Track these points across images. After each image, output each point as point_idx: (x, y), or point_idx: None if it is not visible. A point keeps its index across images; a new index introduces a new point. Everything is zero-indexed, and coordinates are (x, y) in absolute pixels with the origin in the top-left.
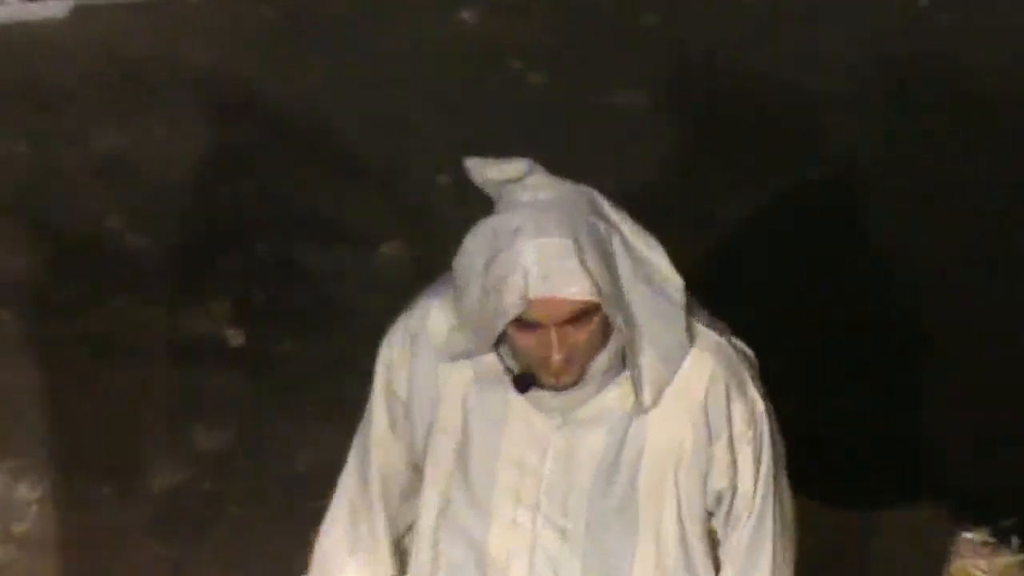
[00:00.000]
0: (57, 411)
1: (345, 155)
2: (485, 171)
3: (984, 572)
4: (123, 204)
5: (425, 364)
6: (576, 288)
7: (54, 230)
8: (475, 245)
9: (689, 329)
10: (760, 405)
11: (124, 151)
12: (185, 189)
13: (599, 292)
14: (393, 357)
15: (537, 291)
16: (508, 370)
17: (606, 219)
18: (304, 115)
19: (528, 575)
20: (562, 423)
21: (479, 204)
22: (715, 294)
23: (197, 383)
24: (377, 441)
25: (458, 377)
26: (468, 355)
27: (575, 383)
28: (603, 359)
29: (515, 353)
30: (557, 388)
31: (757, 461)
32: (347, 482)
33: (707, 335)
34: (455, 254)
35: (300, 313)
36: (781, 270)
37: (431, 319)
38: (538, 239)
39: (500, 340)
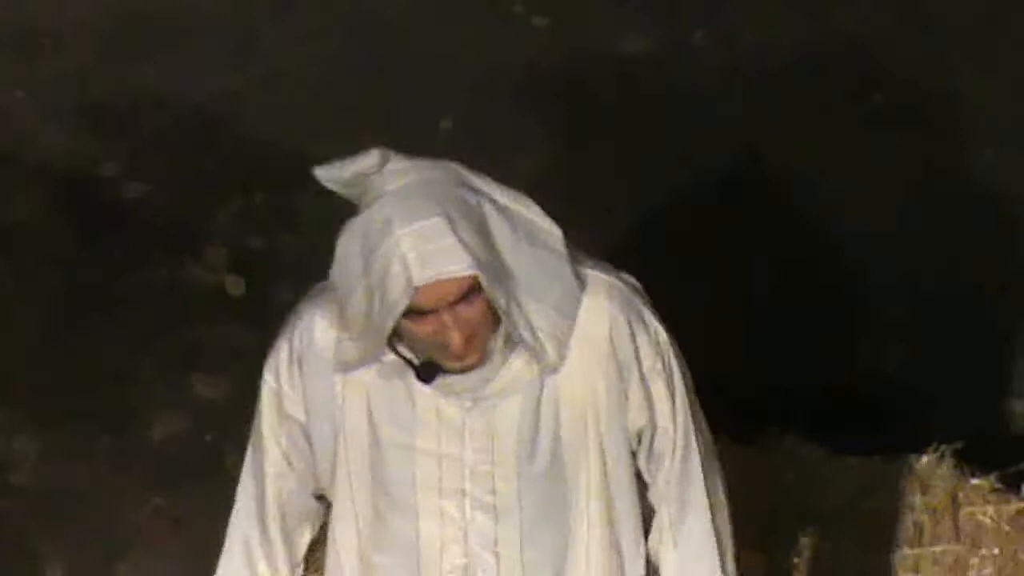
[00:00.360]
0: (55, 361)
1: (346, 100)
2: (339, 173)
3: (992, 519)
4: (120, 151)
5: (319, 381)
6: (458, 265)
7: (50, 177)
8: (349, 248)
9: (577, 276)
10: (663, 334)
11: (121, 98)
12: (183, 136)
13: (479, 264)
14: (282, 386)
15: (421, 277)
16: (409, 363)
17: (474, 189)
18: (303, 60)
19: (465, 562)
20: (472, 404)
21: (483, 150)
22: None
23: (196, 332)
24: (274, 477)
25: (357, 385)
26: (363, 362)
27: (480, 361)
28: (501, 331)
29: (413, 346)
30: (464, 370)
31: (671, 393)
32: (241, 523)
33: (596, 278)
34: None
35: (299, 261)
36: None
37: (318, 333)
38: (411, 225)
39: (395, 336)
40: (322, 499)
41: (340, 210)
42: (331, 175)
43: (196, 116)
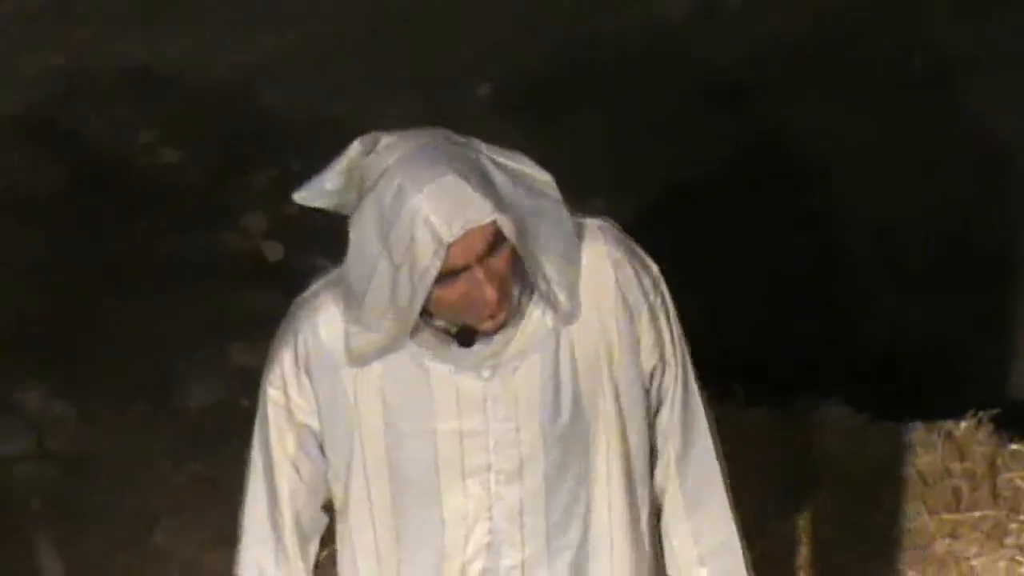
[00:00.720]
0: (92, 328)
1: (382, 65)
2: (328, 182)
3: None
4: (157, 118)
5: (329, 382)
6: (482, 212)
7: (87, 145)
8: (364, 232)
9: (575, 225)
10: (654, 267)
11: (157, 65)
12: (219, 102)
13: (502, 207)
14: (291, 396)
15: (450, 233)
16: (445, 331)
17: (465, 146)
18: (340, 23)
19: (490, 539)
20: (491, 374)
21: (519, 115)
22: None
23: (233, 299)
24: (289, 495)
25: (369, 378)
26: (389, 349)
27: (510, 316)
28: (517, 287)
29: (441, 316)
30: (495, 330)
31: (671, 329)
32: (254, 548)
33: (586, 223)
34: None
35: (336, 227)
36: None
37: (323, 333)
38: (425, 187)
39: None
40: (328, 509)
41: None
42: (314, 190)
43: (233, 82)
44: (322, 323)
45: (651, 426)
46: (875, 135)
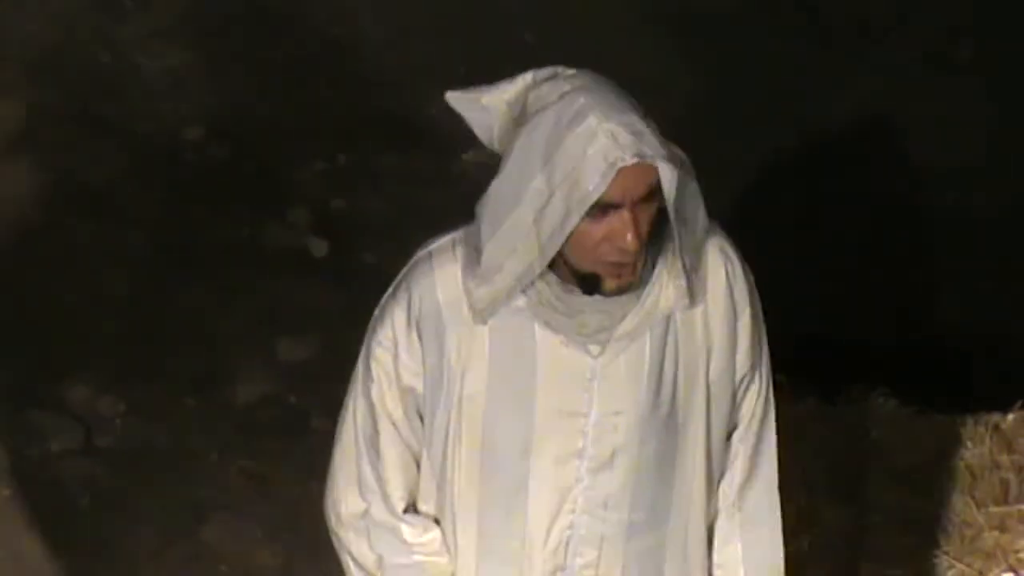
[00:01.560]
0: (139, 324)
1: (426, 59)
2: (487, 97)
3: None
4: (203, 114)
5: (439, 344)
6: (656, 152)
7: (136, 139)
8: (528, 148)
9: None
10: (751, 276)
11: (204, 60)
12: (264, 97)
13: (671, 157)
14: (400, 353)
15: (626, 157)
16: (573, 273)
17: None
18: (382, 18)
19: (570, 533)
20: (601, 349)
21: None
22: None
23: (280, 294)
24: (396, 459)
25: (478, 344)
26: (511, 293)
27: (633, 283)
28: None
29: (576, 258)
30: (619, 290)
31: (761, 338)
32: (375, 514)
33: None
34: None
35: (382, 222)
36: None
37: (440, 290)
38: (608, 114)
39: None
40: None
41: (423, 171)
42: (465, 100)
43: (279, 77)
44: (439, 282)
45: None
46: (946, 119)
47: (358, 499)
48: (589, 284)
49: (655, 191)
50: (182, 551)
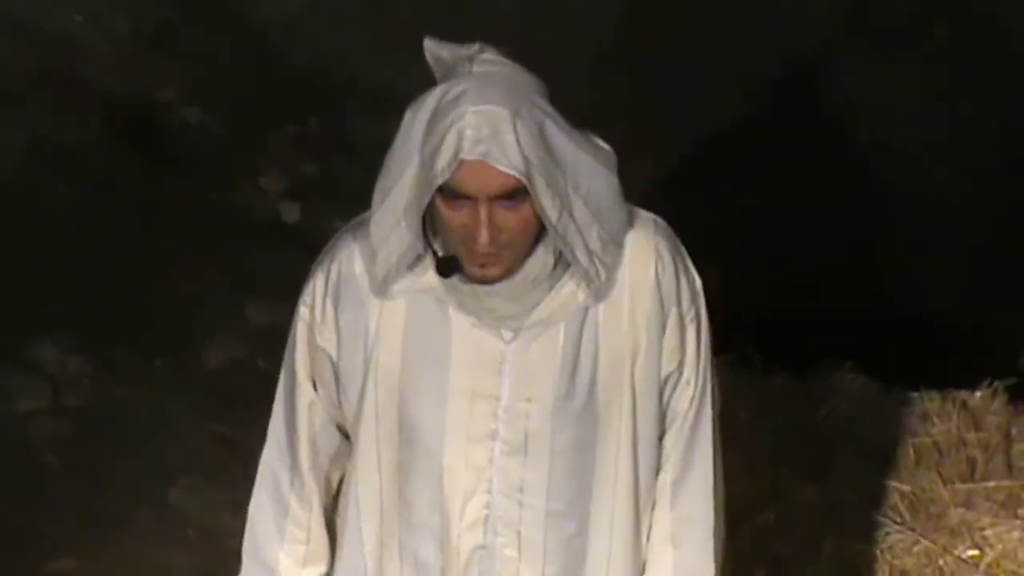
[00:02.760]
0: (110, 285)
1: (398, 25)
2: (440, 51)
3: None
4: (177, 77)
5: (354, 313)
6: (507, 162)
7: (108, 103)
8: (417, 115)
9: (627, 207)
10: (698, 282)
11: (177, 23)
12: (238, 61)
13: (528, 175)
14: (316, 317)
15: (470, 153)
16: (433, 252)
17: (545, 110)
18: None
19: (487, 513)
20: (513, 336)
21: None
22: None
23: (252, 259)
24: (306, 409)
25: (393, 317)
26: (398, 266)
27: (501, 277)
28: (544, 257)
29: (445, 240)
30: (481, 280)
31: (698, 346)
32: (271, 460)
33: (642, 213)
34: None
35: (353, 188)
36: None
37: (358, 261)
38: (479, 105)
39: (431, 233)
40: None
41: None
42: (434, 49)
43: (251, 41)
44: (359, 252)
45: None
46: (908, 101)
47: (274, 447)
48: (446, 264)
49: (522, 192)
50: (150, 513)
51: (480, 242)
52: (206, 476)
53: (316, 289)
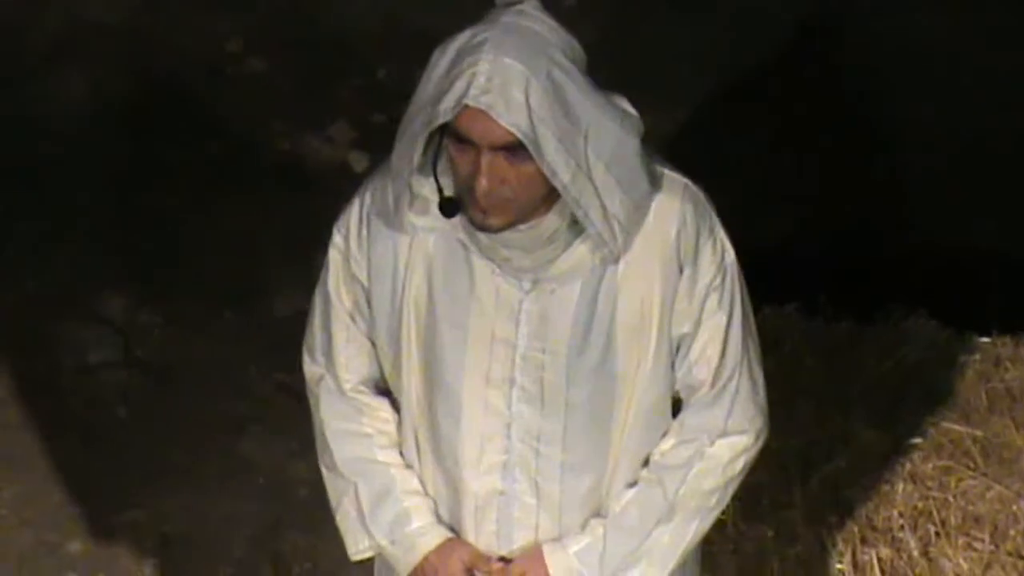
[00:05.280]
0: (178, 237)
1: None
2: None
3: None
4: (243, 26)
5: (385, 244)
6: (509, 118)
7: (173, 54)
8: (443, 56)
9: (652, 172)
10: (731, 254)
11: None
12: (304, 11)
13: (532, 136)
14: (350, 246)
15: (474, 100)
16: (439, 191)
17: (570, 66)
18: None
19: (504, 458)
20: (531, 287)
21: (605, 18)
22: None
23: (320, 209)
24: (343, 339)
25: (420, 253)
26: (397, 198)
27: (502, 228)
28: (559, 216)
29: (453, 179)
30: (482, 227)
31: (727, 320)
32: (315, 376)
33: (674, 178)
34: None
35: None
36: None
37: (390, 194)
38: (497, 55)
39: (440, 170)
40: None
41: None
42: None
43: None
44: (388, 184)
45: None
46: (963, 47)
47: (317, 366)
48: (447, 205)
49: (522, 147)
50: (220, 463)
51: (479, 189)
52: (274, 426)
53: (352, 217)
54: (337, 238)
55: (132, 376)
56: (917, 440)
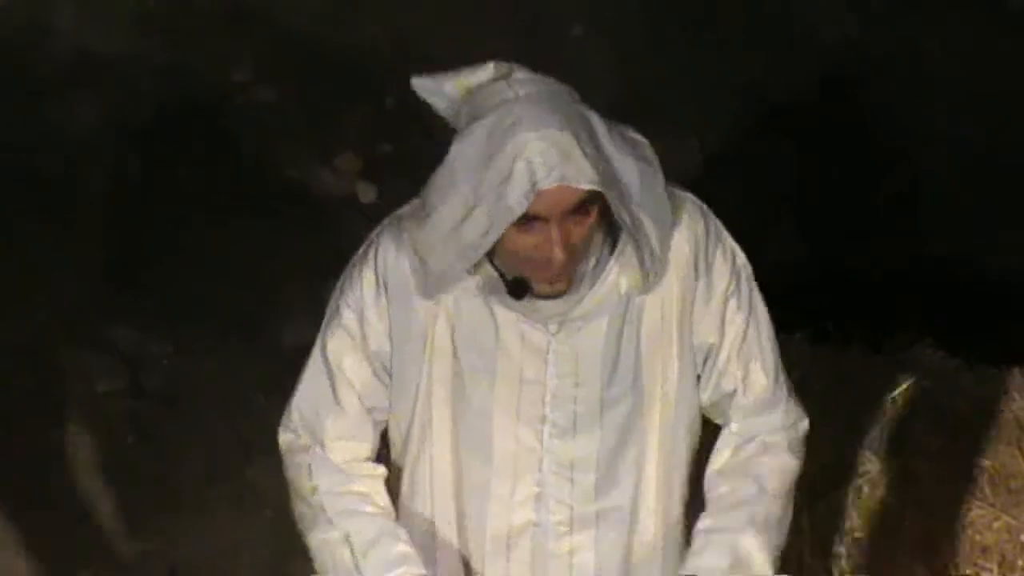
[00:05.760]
0: (187, 265)
1: (475, 3)
2: (449, 85)
3: None
4: (252, 56)
5: (405, 305)
6: (581, 176)
7: (184, 81)
8: (467, 150)
9: (672, 197)
10: (741, 256)
11: (251, 2)
12: (312, 41)
13: (603, 181)
14: (368, 318)
15: (547, 181)
16: (501, 275)
17: (585, 109)
18: None
19: (538, 491)
20: (558, 328)
21: (617, 53)
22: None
23: (327, 238)
24: (346, 403)
25: (441, 309)
26: (446, 281)
27: (568, 289)
28: (591, 256)
29: (506, 262)
30: (551, 295)
31: (745, 319)
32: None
33: (678, 194)
34: (431, 177)
35: (431, 166)
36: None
37: (406, 258)
38: (539, 130)
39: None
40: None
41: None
42: (430, 86)
43: (326, 20)
44: (404, 249)
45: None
46: (974, 66)
47: (304, 436)
48: (518, 288)
49: (590, 201)
50: (228, 491)
51: (555, 261)
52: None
53: (365, 287)
54: (348, 316)
55: (140, 404)
56: (924, 469)
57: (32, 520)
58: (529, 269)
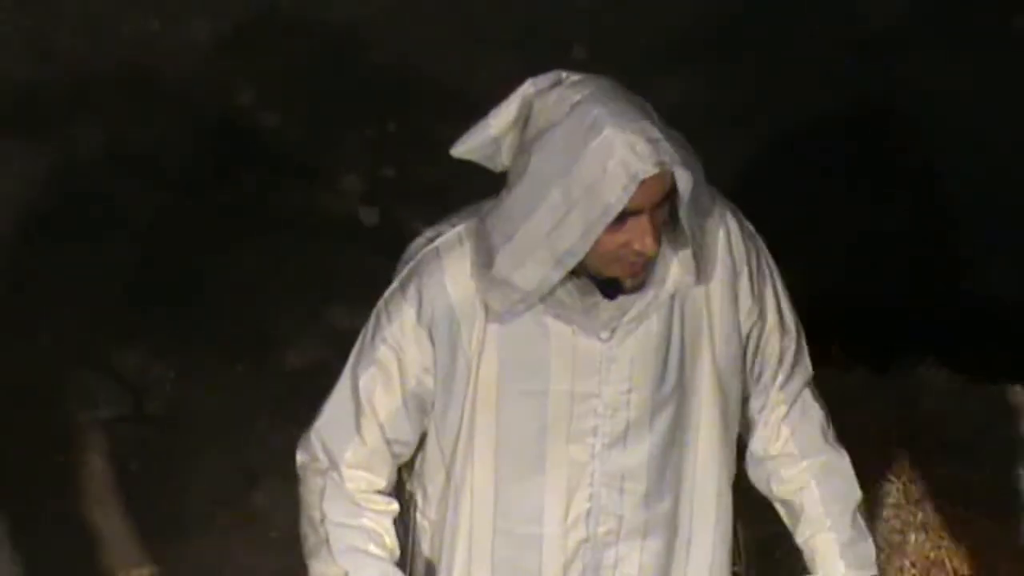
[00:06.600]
0: (190, 290)
1: (475, 23)
2: (494, 126)
3: None
4: (254, 81)
5: (449, 342)
6: (671, 158)
7: (186, 107)
8: (549, 160)
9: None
10: (759, 238)
11: (254, 27)
12: (316, 65)
13: (684, 162)
14: (410, 355)
15: (648, 169)
16: (591, 278)
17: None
18: None
19: (589, 507)
20: (610, 335)
21: (618, 77)
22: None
23: (330, 262)
24: (368, 437)
25: (490, 335)
26: (536, 295)
27: (647, 279)
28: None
29: (591, 264)
30: (632, 288)
31: (776, 294)
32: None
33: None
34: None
35: (433, 190)
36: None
37: (451, 288)
38: (621, 123)
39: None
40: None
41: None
42: (476, 138)
43: (329, 45)
44: (449, 279)
45: (746, 398)
46: (977, 92)
47: (324, 460)
48: (611, 287)
49: (670, 191)
50: (233, 517)
51: (648, 250)
52: (287, 479)
53: (405, 324)
54: (384, 352)
55: (144, 429)
56: (930, 489)
57: (35, 546)
58: (618, 267)
